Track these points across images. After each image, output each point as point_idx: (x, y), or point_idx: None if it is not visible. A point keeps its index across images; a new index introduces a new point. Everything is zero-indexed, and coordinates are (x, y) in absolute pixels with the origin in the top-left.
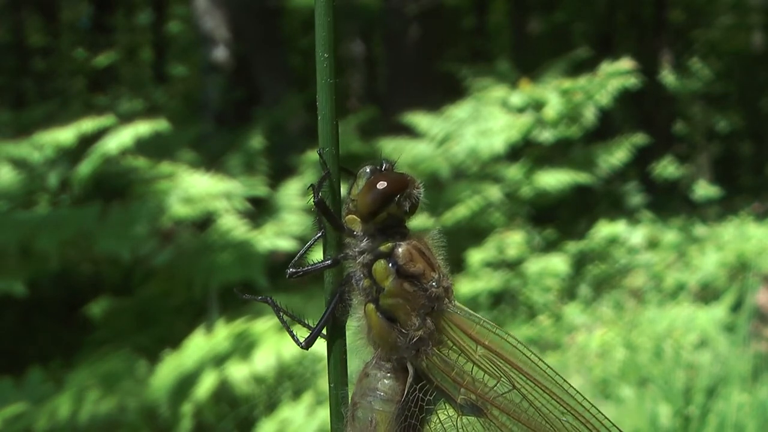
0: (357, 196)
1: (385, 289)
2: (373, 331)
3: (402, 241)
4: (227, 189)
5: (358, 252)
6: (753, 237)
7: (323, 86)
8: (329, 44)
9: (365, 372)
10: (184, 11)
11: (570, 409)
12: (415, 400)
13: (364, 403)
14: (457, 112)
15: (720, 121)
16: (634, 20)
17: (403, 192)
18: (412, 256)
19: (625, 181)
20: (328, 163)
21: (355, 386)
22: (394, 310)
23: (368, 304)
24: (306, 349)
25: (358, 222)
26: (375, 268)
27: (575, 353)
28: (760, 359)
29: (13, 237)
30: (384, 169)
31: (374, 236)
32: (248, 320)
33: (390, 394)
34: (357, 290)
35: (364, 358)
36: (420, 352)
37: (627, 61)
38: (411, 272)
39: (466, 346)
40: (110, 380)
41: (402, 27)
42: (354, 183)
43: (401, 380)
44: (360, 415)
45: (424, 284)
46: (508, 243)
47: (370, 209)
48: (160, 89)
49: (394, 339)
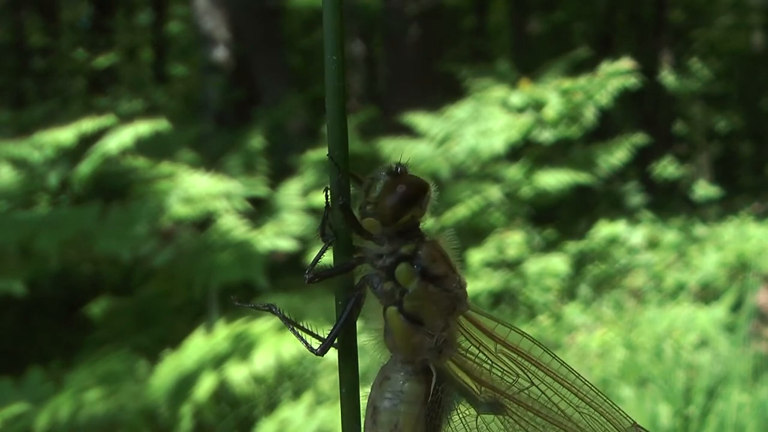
0: (377, 200)
1: (410, 291)
2: (395, 334)
3: (422, 244)
4: (227, 189)
5: (376, 255)
6: (753, 237)
7: (332, 89)
8: (338, 47)
9: (386, 375)
10: (184, 11)
11: (589, 401)
12: (438, 401)
13: (387, 407)
14: (457, 112)
15: (720, 121)
16: (634, 20)
17: (425, 195)
18: (434, 258)
19: (625, 181)
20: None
21: (373, 390)
22: (419, 312)
23: (390, 308)
24: (321, 355)
25: (377, 225)
26: (398, 271)
27: (575, 353)
28: (760, 359)
29: (13, 237)
30: (400, 172)
31: (393, 239)
32: (248, 320)
33: (415, 396)
34: (376, 293)
35: (381, 362)
36: (443, 353)
37: (627, 61)
38: (435, 274)
39: (486, 344)
40: (110, 380)
41: (402, 27)
42: (371, 186)
43: (425, 382)
44: (384, 419)
45: (446, 285)
46: (508, 243)
47: (394, 212)
48: (160, 89)
49: (419, 341)
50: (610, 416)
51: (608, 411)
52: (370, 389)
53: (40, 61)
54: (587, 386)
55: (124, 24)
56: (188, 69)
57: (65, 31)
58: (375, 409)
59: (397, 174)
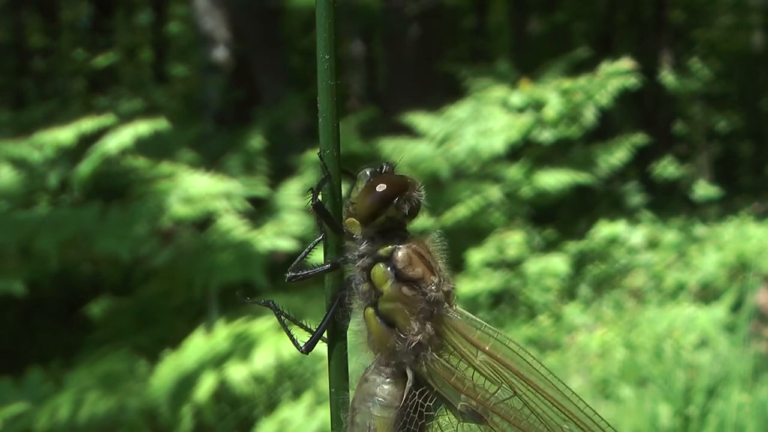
0: (356, 199)
1: (384, 294)
2: (372, 335)
3: (401, 245)
4: (227, 189)
5: (357, 255)
6: (753, 237)
7: (324, 88)
8: (330, 46)
9: (365, 377)
10: (184, 11)
11: (571, 416)
12: (414, 406)
13: (363, 409)
14: (457, 112)
15: (720, 121)
16: (634, 20)
17: (402, 195)
18: (411, 260)
19: (625, 181)
20: (329, 166)
21: (354, 391)
22: (392, 314)
23: (368, 309)
24: (306, 353)
25: (357, 225)
26: (374, 272)
27: (575, 353)
28: (760, 359)
29: (13, 237)
30: (384, 171)
31: (374, 239)
32: (248, 320)
33: (389, 399)
34: (357, 294)
35: (364, 363)
36: (419, 357)
37: (627, 61)
38: (410, 276)
39: (467, 351)
40: (110, 380)
41: (402, 27)
42: (354, 185)
43: (400, 386)
44: (359, 421)
45: (423, 288)
46: (508, 243)
47: (369, 212)
48: (160, 89)
49: (393, 344)
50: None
51: (591, 426)
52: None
53: (40, 61)
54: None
55: (124, 24)
56: (188, 69)
57: (65, 31)
58: (353, 410)
59: (379, 173)
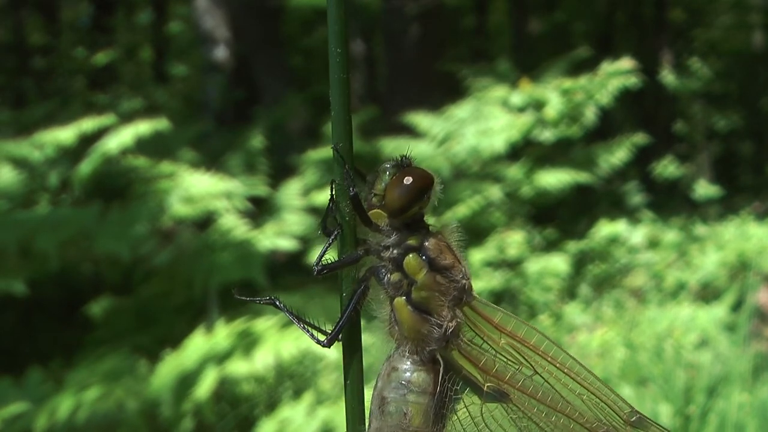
0: (384, 192)
1: (418, 282)
2: (403, 324)
3: (428, 235)
4: (228, 188)
5: (383, 247)
6: (753, 236)
7: (336, 81)
8: (342, 39)
9: (393, 366)
10: (184, 11)
11: (592, 389)
12: (445, 391)
13: (396, 397)
14: (458, 112)
15: (720, 120)
16: (634, 20)
17: (432, 187)
18: (441, 249)
19: (626, 180)
20: (343, 158)
21: (380, 381)
22: (426, 302)
23: (398, 299)
24: (328, 347)
25: (384, 217)
26: (407, 262)
27: (576, 353)
28: (761, 359)
29: (13, 237)
30: (406, 164)
31: (400, 231)
32: (248, 320)
33: (423, 386)
34: (382, 285)
35: (387, 353)
36: (450, 342)
37: (627, 60)
38: (443, 265)
39: (490, 334)
40: (110, 380)
41: (402, 27)
42: (377, 178)
43: (432, 372)
44: (392, 410)
45: (454, 276)
46: (508, 243)
47: (400, 204)
48: (160, 89)
49: (428, 331)
50: (611, 402)
51: (609, 398)
52: (377, 380)
53: (41, 60)
54: (589, 375)
55: (124, 23)
56: (188, 68)
57: (65, 31)
58: (383, 400)
59: (404, 166)
